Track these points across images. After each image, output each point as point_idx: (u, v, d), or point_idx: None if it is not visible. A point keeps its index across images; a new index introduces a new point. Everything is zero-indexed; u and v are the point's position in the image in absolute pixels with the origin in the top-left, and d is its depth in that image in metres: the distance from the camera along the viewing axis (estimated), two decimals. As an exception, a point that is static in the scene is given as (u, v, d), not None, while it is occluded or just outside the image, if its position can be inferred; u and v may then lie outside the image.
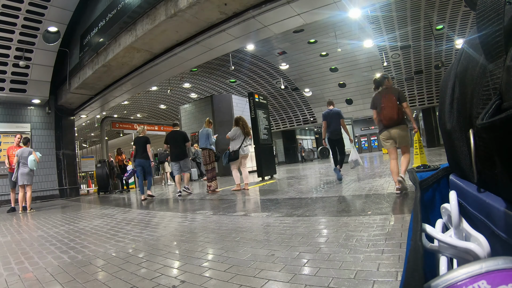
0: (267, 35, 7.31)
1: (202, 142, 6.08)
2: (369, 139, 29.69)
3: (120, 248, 2.35)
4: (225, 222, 2.93)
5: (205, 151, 6.06)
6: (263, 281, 1.42)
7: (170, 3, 6.02)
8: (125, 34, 7.28)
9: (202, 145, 6.08)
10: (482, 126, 0.23)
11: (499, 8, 0.23)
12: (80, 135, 25.08)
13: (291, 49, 14.10)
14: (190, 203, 4.87)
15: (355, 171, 7.18)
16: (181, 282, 1.52)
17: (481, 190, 0.30)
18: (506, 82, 0.22)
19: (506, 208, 0.25)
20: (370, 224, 2.18)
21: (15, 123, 9.72)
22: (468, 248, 0.27)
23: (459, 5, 10.71)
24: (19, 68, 8.81)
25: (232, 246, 2.06)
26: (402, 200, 2.97)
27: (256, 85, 17.56)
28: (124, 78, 9.11)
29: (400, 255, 1.51)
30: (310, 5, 5.91)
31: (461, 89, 0.33)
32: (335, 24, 11.86)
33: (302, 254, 1.73)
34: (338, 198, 3.60)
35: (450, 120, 0.37)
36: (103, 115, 15.72)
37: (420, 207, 0.32)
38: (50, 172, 10.29)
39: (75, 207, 6.52)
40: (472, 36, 0.31)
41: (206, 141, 6.05)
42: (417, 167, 0.51)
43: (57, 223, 4.14)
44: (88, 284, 1.62)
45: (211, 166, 6.11)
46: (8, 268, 2.09)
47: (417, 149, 6.90)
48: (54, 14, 8.42)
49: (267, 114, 8.77)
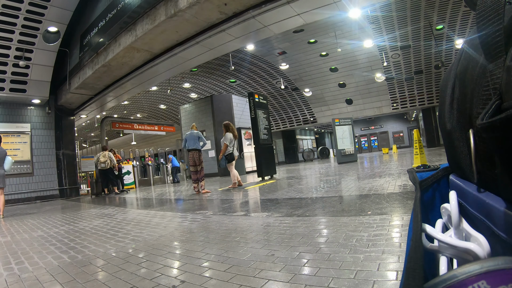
0: (267, 35, 7.31)
1: (191, 144, 6.23)
2: (369, 139, 29.70)
3: (120, 248, 2.35)
4: (225, 222, 2.93)
5: (194, 152, 6.23)
6: (263, 281, 1.42)
7: (170, 3, 6.02)
8: (125, 34, 7.28)
9: (191, 146, 6.22)
10: (482, 126, 0.23)
11: (499, 8, 0.23)
12: (80, 135, 25.08)
13: (291, 49, 14.10)
14: (190, 203, 4.87)
15: (355, 171, 7.18)
16: (181, 282, 1.52)
17: (481, 190, 0.30)
18: (506, 82, 0.22)
19: (506, 208, 0.25)
20: (370, 224, 2.18)
21: (15, 123, 9.73)
22: (468, 248, 0.27)
23: (459, 5, 10.71)
24: (19, 68, 8.81)
25: (232, 246, 2.06)
26: (402, 200, 2.97)
27: (256, 85, 17.57)
28: (124, 78, 9.11)
29: (400, 255, 1.51)
30: (310, 5, 5.91)
31: (461, 89, 0.33)
32: (335, 24, 11.86)
33: (302, 254, 1.73)
34: (338, 198, 3.60)
35: (450, 120, 0.37)
36: (103, 115, 15.73)
37: (420, 207, 0.32)
38: (50, 172, 10.29)
39: (75, 207, 6.52)
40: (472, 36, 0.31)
41: (196, 142, 6.25)
42: (417, 167, 0.51)
43: (57, 223, 4.14)
44: (88, 284, 1.62)
45: (201, 166, 6.31)
46: (8, 268, 2.09)
47: (417, 149, 6.90)
48: (54, 14, 8.42)
49: (267, 114, 8.77)
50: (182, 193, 6.89)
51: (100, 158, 8.89)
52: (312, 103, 18.87)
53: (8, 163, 5.78)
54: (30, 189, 9.72)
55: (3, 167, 5.66)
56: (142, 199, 6.84)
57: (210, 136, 12.93)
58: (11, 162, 5.89)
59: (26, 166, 9.76)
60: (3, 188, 5.67)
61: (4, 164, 5.70)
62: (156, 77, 9.39)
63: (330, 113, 18.64)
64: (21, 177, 9.57)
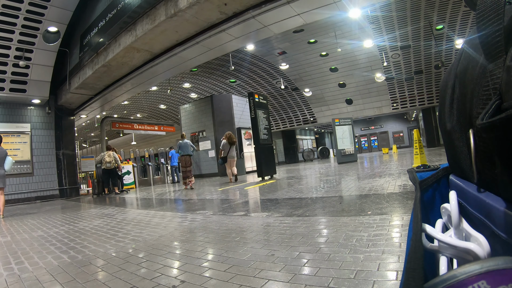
0: (267, 35, 7.31)
1: (185, 150, 7.85)
2: (369, 139, 29.70)
3: (120, 248, 2.35)
4: (225, 222, 2.93)
5: (187, 157, 7.87)
6: (263, 281, 1.42)
7: (170, 3, 6.02)
8: (125, 34, 7.28)
9: (186, 152, 7.83)
10: (482, 126, 0.23)
11: (499, 8, 0.23)
12: (80, 135, 25.08)
13: (291, 49, 14.09)
14: (190, 203, 4.87)
15: (355, 171, 7.17)
16: (181, 282, 1.52)
17: (481, 190, 0.30)
18: (506, 82, 0.22)
19: (506, 208, 0.25)
20: (370, 224, 2.18)
21: (15, 123, 9.73)
22: (468, 248, 0.27)
23: (459, 5, 10.71)
24: (19, 68, 8.81)
25: (232, 246, 2.06)
26: (402, 200, 2.97)
27: (256, 85, 17.56)
28: (124, 78, 9.11)
29: (400, 255, 1.51)
30: (310, 5, 5.90)
31: (461, 89, 0.33)
32: (335, 24, 11.86)
33: (302, 254, 1.73)
34: (338, 198, 3.60)
35: (450, 120, 0.37)
36: (103, 115, 15.73)
37: (420, 207, 0.32)
38: (50, 172, 10.29)
39: (75, 207, 6.52)
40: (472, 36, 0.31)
41: (189, 149, 7.92)
42: (417, 167, 0.51)
43: (57, 223, 4.14)
44: (88, 284, 1.62)
45: (190, 167, 7.98)
46: (8, 268, 2.09)
47: (417, 149, 6.89)
48: (54, 14, 8.42)
49: (267, 114, 8.77)
50: (182, 193, 6.89)
51: (106, 158, 8.92)
52: (312, 103, 18.87)
53: (8, 163, 5.77)
54: (30, 189, 9.72)
55: (4, 167, 5.66)
56: (142, 199, 6.85)
57: (210, 136, 12.94)
58: (12, 162, 5.88)
59: (26, 166, 9.76)
60: (3, 188, 5.66)
61: (5, 164, 5.70)
62: (156, 77, 9.39)
63: (330, 113, 18.64)
64: (21, 177, 9.57)
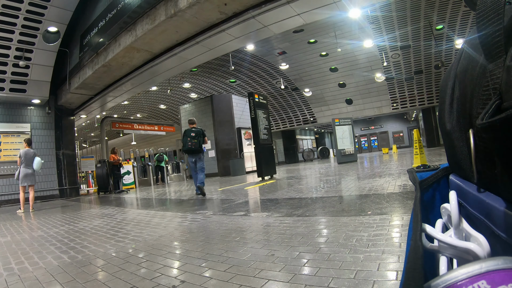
0: (267, 35, 7.31)
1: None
2: (369, 139, 29.70)
3: (120, 248, 2.35)
4: (225, 222, 2.93)
5: None
6: (263, 281, 1.42)
7: (170, 3, 6.02)
8: (125, 34, 7.28)
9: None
10: (482, 126, 0.23)
11: (499, 8, 0.23)
12: (80, 135, 25.07)
13: (291, 49, 14.09)
14: (190, 203, 4.87)
15: (355, 171, 7.17)
16: (181, 282, 1.52)
17: (481, 190, 0.30)
18: (506, 82, 0.22)
19: (506, 208, 0.25)
20: (370, 224, 2.18)
21: (15, 123, 9.72)
22: (468, 248, 0.27)
23: (459, 5, 10.71)
24: (19, 68, 8.81)
25: (232, 246, 2.06)
26: (402, 200, 2.97)
27: (256, 85, 17.56)
28: (124, 78, 9.11)
29: (400, 255, 1.51)
30: (310, 5, 5.90)
31: (461, 89, 0.33)
32: (335, 24, 11.85)
33: (302, 254, 1.73)
34: (338, 198, 3.60)
35: (450, 120, 0.36)
36: (103, 115, 15.72)
37: (420, 207, 0.32)
38: (50, 172, 10.29)
39: (75, 207, 6.52)
40: (472, 36, 0.31)
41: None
42: (417, 167, 0.51)
43: (57, 223, 4.14)
44: (88, 284, 1.62)
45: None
46: (8, 268, 2.09)
47: (417, 149, 6.89)
48: (54, 14, 8.42)
49: (267, 114, 8.77)
50: (182, 193, 6.89)
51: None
52: (312, 103, 18.87)
53: (37, 163, 6.15)
54: (30, 189, 9.71)
55: (32, 166, 6.16)
56: (142, 199, 6.85)
57: (210, 136, 12.95)
58: (40, 162, 6.30)
59: (26, 166, 9.76)
60: (33, 186, 6.35)
61: (34, 164, 6.14)
62: (156, 77, 9.39)
63: (330, 113, 18.64)
64: (21, 177, 9.56)
